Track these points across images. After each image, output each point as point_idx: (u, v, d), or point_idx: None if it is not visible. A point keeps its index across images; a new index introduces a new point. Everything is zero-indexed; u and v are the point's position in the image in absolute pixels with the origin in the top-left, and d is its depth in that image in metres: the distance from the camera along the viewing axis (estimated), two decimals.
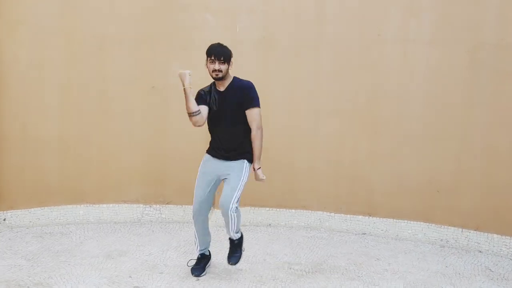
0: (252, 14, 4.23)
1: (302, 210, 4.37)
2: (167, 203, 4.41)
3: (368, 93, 4.16)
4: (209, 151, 3.20)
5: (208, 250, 3.31)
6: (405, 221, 4.15)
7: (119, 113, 4.26)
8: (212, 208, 4.38)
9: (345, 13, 4.13)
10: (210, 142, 3.21)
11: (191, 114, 2.95)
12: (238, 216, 3.06)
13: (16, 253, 3.45)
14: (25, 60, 4.02)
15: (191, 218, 3.21)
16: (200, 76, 3.31)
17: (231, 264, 3.15)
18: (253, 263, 3.42)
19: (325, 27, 4.17)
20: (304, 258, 3.56)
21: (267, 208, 4.39)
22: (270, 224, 4.33)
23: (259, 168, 3.11)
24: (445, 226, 4.03)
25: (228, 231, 3.10)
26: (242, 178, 3.05)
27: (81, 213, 4.27)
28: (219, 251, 3.52)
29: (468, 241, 3.93)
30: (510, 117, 3.81)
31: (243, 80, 3.13)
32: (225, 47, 3.05)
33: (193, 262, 3.25)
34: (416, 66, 4.03)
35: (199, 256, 3.25)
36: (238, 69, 4.40)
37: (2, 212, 4.04)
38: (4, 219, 4.03)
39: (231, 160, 3.07)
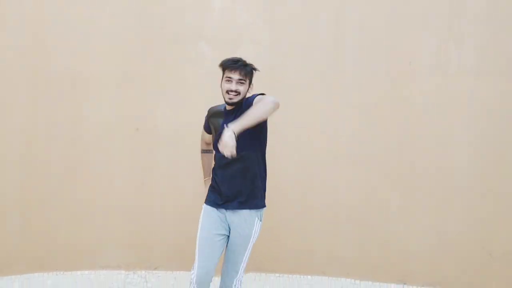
0: (255, 44, 3.69)
1: (320, 277, 3.72)
2: (155, 269, 3.79)
3: (399, 136, 3.57)
4: (208, 201, 2.66)
5: None
6: None
7: (95, 162, 3.69)
8: None
9: (368, 41, 3.60)
10: (211, 184, 2.70)
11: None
12: None
13: None
14: None
15: (192, 284, 2.58)
16: (193, 114, 2.83)
17: None
18: None
19: (344, 56, 3.63)
20: None
21: (277, 274, 3.76)
22: None
23: (233, 132, 2.20)
24: None
25: None
26: (249, 245, 2.58)
27: (49, 284, 3.64)
28: None
29: None
30: None
31: (253, 95, 2.59)
32: (246, 62, 2.60)
33: None
34: (459, 103, 3.46)
35: None
36: None
37: None
38: None
39: (239, 207, 2.53)
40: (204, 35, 3.69)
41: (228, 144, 2.09)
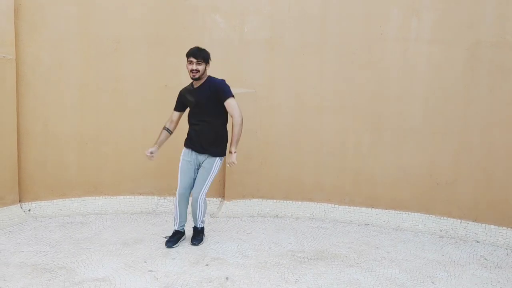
0: (259, 15, 4.41)
1: (307, 202, 4.57)
2: None
3: (371, 90, 4.32)
4: (187, 145, 3.67)
5: (183, 228, 3.77)
6: (406, 212, 4.33)
7: (133, 110, 4.50)
8: (222, 200, 4.65)
9: (348, 13, 4.29)
10: (188, 134, 3.68)
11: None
12: (205, 206, 3.65)
13: (41, 240, 3.74)
14: (46, 61, 4.27)
15: (176, 200, 3.70)
16: (210, 74, 3.56)
17: (195, 245, 3.67)
18: (259, 250, 3.65)
19: (329, 26, 4.34)
20: (307, 246, 3.77)
21: (274, 200, 4.60)
22: (277, 215, 4.55)
23: (235, 152, 3.49)
24: (445, 217, 4.20)
25: (194, 219, 3.69)
26: (212, 172, 3.58)
27: (100, 204, 4.53)
28: (227, 239, 3.77)
29: (467, 231, 4.09)
30: (507, 113, 3.95)
31: (216, 78, 3.54)
32: (203, 49, 3.47)
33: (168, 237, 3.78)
34: (416, 64, 4.18)
35: (175, 231, 3.73)
36: (246, 69, 4.59)
37: (27, 203, 4.34)
38: (29, 210, 4.33)
39: (206, 153, 3.56)
40: (218, 8, 4.41)
41: (234, 162, 3.49)
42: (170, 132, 3.77)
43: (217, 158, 3.58)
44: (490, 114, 4.00)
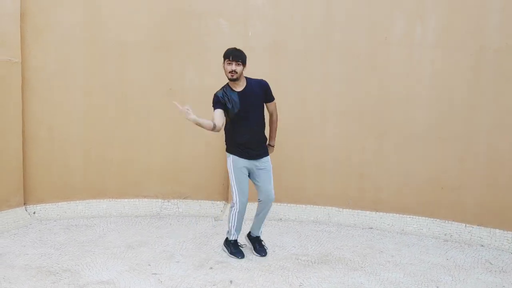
0: (263, 21, 4.42)
1: (312, 206, 4.56)
2: (184, 198, 4.66)
3: (375, 95, 4.32)
4: (235, 152, 3.45)
5: None
6: (411, 216, 4.31)
7: (138, 114, 4.52)
8: (226, 203, 4.66)
9: (352, 18, 4.29)
10: (234, 142, 3.45)
11: (213, 130, 3.30)
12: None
13: (46, 243, 3.75)
14: (51, 65, 4.30)
15: (237, 212, 3.49)
16: (214, 78, 3.55)
17: (263, 256, 3.57)
18: None
19: (333, 31, 4.35)
20: (311, 250, 3.77)
21: (279, 204, 4.56)
22: (281, 219, 4.54)
23: (273, 146, 3.67)
24: (449, 221, 4.18)
25: (260, 225, 3.61)
26: (271, 169, 3.58)
27: (104, 207, 4.55)
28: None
29: (471, 235, 4.07)
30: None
31: (257, 78, 3.51)
32: (241, 50, 3.41)
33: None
34: (421, 69, 4.18)
35: (235, 242, 3.61)
36: (250, 74, 4.58)
37: (32, 206, 4.36)
38: (34, 213, 4.35)
39: (260, 158, 3.47)
40: (223, 13, 4.43)
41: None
42: (216, 129, 3.29)
43: (268, 157, 3.59)
44: (494, 120, 3.98)
